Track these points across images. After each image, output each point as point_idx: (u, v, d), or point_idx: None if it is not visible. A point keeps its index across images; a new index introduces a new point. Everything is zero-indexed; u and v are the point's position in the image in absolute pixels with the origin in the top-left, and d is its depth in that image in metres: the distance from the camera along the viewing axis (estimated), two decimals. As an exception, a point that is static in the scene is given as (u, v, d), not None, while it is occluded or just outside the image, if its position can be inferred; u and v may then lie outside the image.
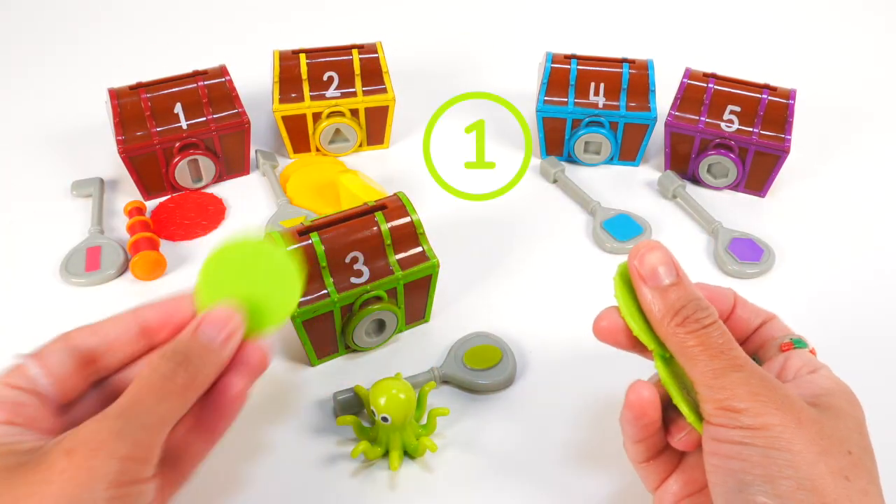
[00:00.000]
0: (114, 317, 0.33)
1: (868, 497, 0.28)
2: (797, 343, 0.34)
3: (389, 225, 0.43)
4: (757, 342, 0.36)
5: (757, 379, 0.29)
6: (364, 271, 0.43)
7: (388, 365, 0.46)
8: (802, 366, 0.33)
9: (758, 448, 0.28)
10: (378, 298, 0.44)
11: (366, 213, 0.44)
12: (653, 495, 0.34)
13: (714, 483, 0.30)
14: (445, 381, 0.44)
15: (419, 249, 0.45)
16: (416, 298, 0.46)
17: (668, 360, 0.32)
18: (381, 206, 0.44)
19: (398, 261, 0.44)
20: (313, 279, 0.42)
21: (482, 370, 0.44)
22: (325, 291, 0.42)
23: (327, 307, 0.42)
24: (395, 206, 0.44)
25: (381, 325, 0.46)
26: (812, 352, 0.34)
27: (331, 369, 0.46)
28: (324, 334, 0.44)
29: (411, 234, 0.44)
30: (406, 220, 0.44)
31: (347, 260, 0.43)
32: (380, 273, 0.43)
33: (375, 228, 0.43)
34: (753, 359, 0.33)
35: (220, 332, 0.32)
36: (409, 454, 0.40)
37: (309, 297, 0.42)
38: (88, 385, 0.32)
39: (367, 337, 0.45)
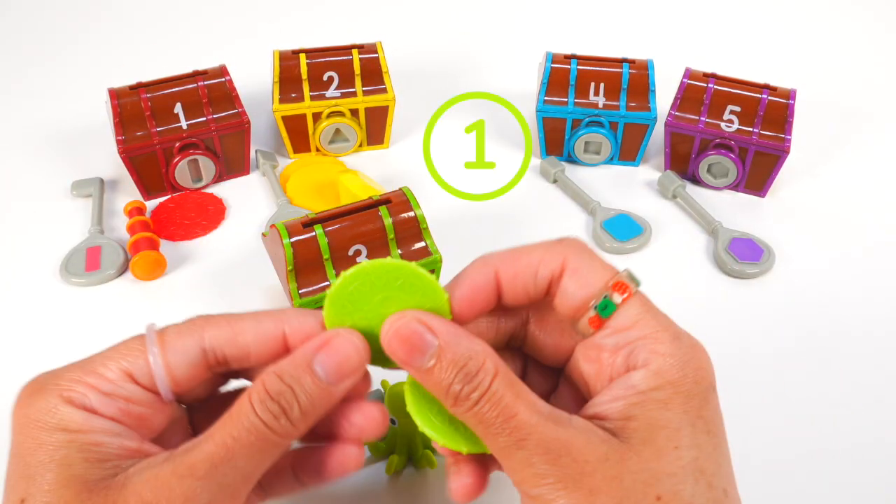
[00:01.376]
0: (257, 319, 0.28)
1: None
2: (602, 310, 0.28)
3: (393, 219, 0.44)
4: (569, 312, 0.29)
5: (540, 454, 0.25)
6: None
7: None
8: (616, 357, 0.28)
9: None
10: None
11: (370, 206, 0.44)
12: None
13: None
14: None
15: (422, 244, 0.45)
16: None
17: (415, 385, 0.28)
18: (385, 201, 0.45)
19: (401, 255, 0.44)
20: (316, 271, 0.42)
21: None
22: (327, 283, 0.43)
23: None
24: (399, 200, 0.45)
25: None
26: (619, 288, 0.28)
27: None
28: None
29: (415, 229, 0.45)
30: (410, 214, 0.44)
31: (350, 253, 0.43)
32: None
33: (379, 222, 0.44)
34: (581, 334, 0.29)
35: (338, 372, 0.27)
36: (412, 462, 0.40)
37: (311, 289, 0.42)
38: (209, 380, 0.29)
39: None
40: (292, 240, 0.42)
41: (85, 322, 0.49)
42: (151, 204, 0.59)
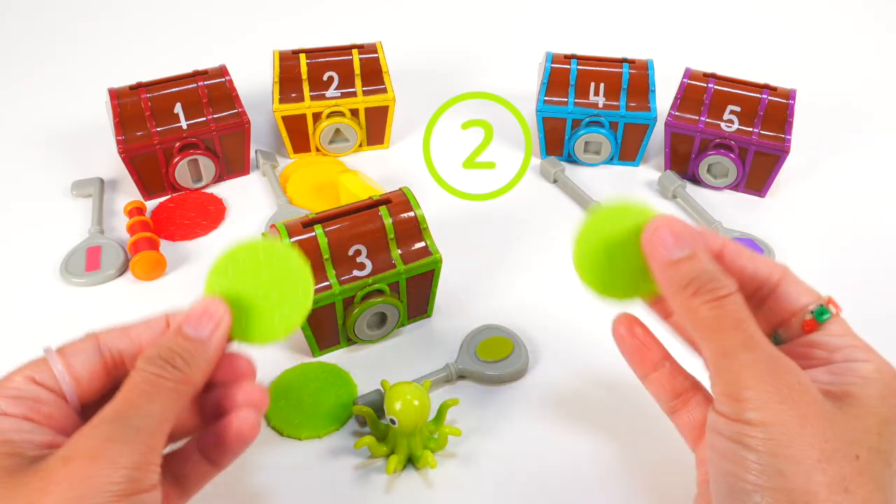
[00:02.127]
0: (145, 319, 0.32)
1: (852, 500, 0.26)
2: (818, 315, 0.31)
3: (393, 219, 0.44)
4: (780, 314, 0.33)
5: (767, 363, 0.27)
6: (367, 264, 0.44)
7: (390, 358, 0.46)
8: (834, 350, 0.30)
9: (753, 451, 0.26)
10: (380, 292, 0.44)
11: (370, 206, 0.44)
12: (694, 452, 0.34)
13: (711, 476, 0.29)
14: (462, 376, 0.45)
15: (422, 244, 0.45)
16: (418, 293, 0.46)
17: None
18: (385, 201, 0.45)
19: (401, 255, 0.44)
20: (316, 271, 0.42)
21: (496, 362, 0.44)
22: (327, 283, 0.43)
23: (329, 299, 0.43)
24: (399, 200, 0.45)
25: (382, 319, 0.46)
26: (833, 305, 0.32)
27: (332, 360, 0.46)
28: (325, 326, 0.44)
29: (415, 229, 0.45)
30: (410, 214, 0.45)
31: (350, 253, 0.43)
32: (382, 266, 0.44)
33: (379, 222, 0.44)
34: (774, 338, 0.32)
35: (205, 325, 0.31)
36: (412, 462, 0.40)
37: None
38: (113, 386, 0.31)
39: (369, 330, 0.46)
40: (292, 240, 0.42)
41: (85, 322, 0.48)
42: (151, 204, 0.59)
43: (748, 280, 0.32)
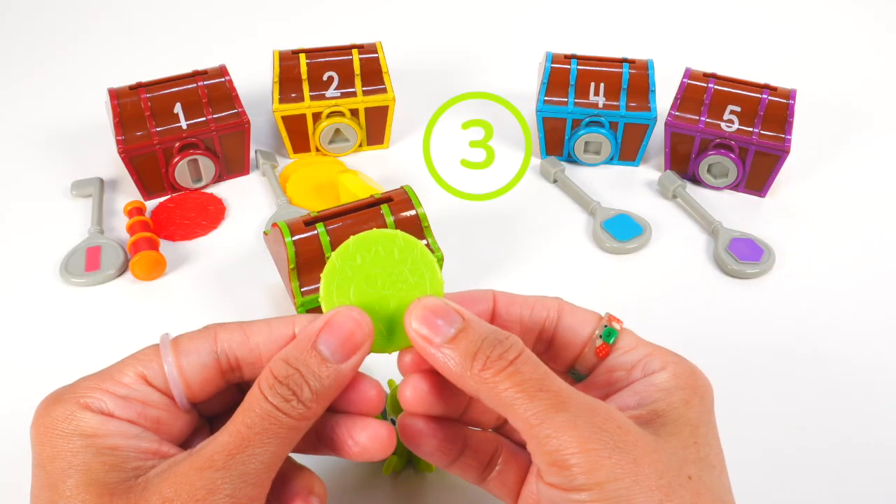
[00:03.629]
0: (268, 323, 0.29)
1: None
2: (606, 337, 0.30)
3: (395, 217, 0.44)
4: (570, 349, 0.31)
5: (584, 417, 0.25)
6: None
7: (392, 357, 0.46)
8: (631, 367, 0.30)
9: None
10: None
11: (372, 205, 0.44)
12: None
13: None
14: None
15: (423, 243, 0.45)
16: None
17: None
18: (386, 199, 0.45)
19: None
20: (318, 269, 0.42)
21: None
22: None
23: None
24: (400, 198, 0.45)
25: None
26: (615, 321, 0.30)
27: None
28: None
29: (416, 227, 0.45)
30: (412, 213, 0.45)
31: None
32: None
33: (381, 220, 0.44)
34: (573, 374, 0.31)
35: (347, 349, 0.27)
36: (412, 464, 0.40)
37: (313, 287, 0.42)
38: (225, 386, 0.29)
39: None
40: (294, 238, 0.42)
41: (85, 322, 0.49)
42: (151, 204, 0.59)
43: (529, 326, 0.31)
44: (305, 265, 0.42)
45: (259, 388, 0.26)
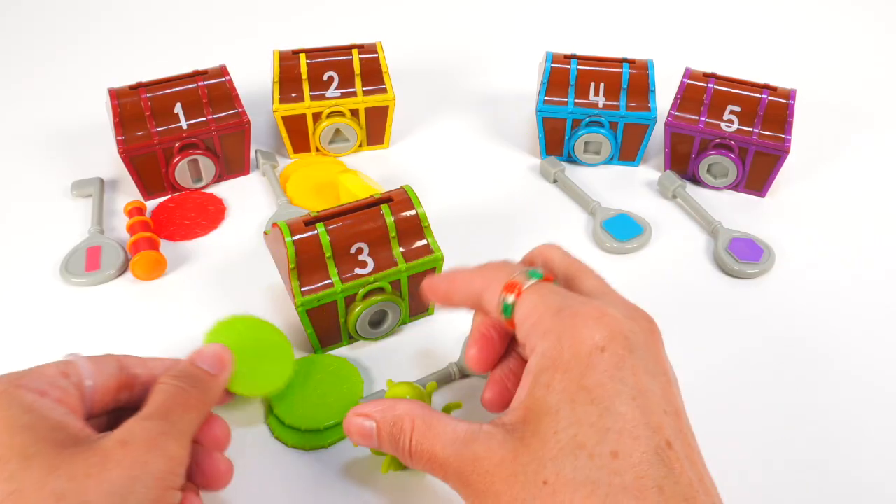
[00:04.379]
0: (163, 358, 0.36)
1: None
2: (505, 312, 0.31)
3: (395, 217, 0.44)
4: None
5: (458, 482, 0.29)
6: (368, 262, 0.44)
7: (391, 357, 0.46)
8: (525, 340, 0.30)
9: None
10: (381, 290, 0.44)
11: (371, 205, 0.44)
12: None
13: None
14: (465, 375, 0.45)
15: (423, 242, 0.45)
16: (420, 291, 0.47)
17: None
18: (386, 199, 0.45)
19: (402, 253, 0.45)
20: (318, 269, 0.43)
21: None
22: (329, 281, 0.43)
23: (331, 297, 0.43)
24: (400, 198, 0.45)
25: (384, 317, 0.46)
26: (509, 291, 0.31)
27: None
28: (328, 324, 0.45)
29: (416, 227, 0.45)
30: (411, 213, 0.45)
31: (352, 251, 0.43)
32: (384, 264, 0.44)
33: (381, 220, 0.44)
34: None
35: (216, 364, 0.35)
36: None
37: (313, 287, 0.42)
38: (115, 406, 0.33)
39: (371, 328, 0.46)
40: (294, 238, 0.42)
41: (85, 322, 0.49)
42: (151, 204, 0.59)
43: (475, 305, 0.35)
44: (305, 265, 0.42)
45: (163, 379, 0.33)
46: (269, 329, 0.42)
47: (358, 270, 0.43)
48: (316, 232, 0.42)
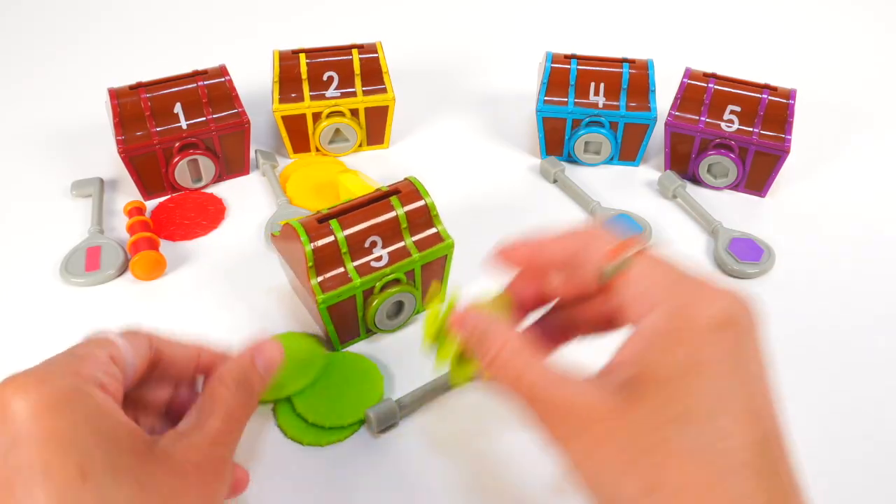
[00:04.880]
0: (184, 342, 0.35)
1: (682, 493, 0.24)
2: (612, 272, 0.29)
3: (405, 209, 0.45)
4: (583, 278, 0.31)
5: (548, 411, 0.27)
6: (383, 255, 0.44)
7: (409, 346, 0.47)
8: (629, 306, 0.29)
9: (572, 484, 0.27)
10: (397, 281, 0.45)
11: (381, 198, 0.45)
12: None
13: None
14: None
15: (434, 231, 0.46)
16: (432, 280, 0.48)
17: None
18: (394, 191, 0.46)
19: (415, 243, 0.45)
20: (335, 265, 0.43)
21: None
22: (347, 276, 0.43)
23: (350, 292, 0.43)
24: (408, 190, 0.46)
25: (400, 307, 0.47)
26: (625, 250, 0.29)
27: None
28: (347, 319, 0.45)
29: (426, 217, 0.46)
30: (420, 203, 0.45)
31: (367, 244, 0.44)
32: (398, 256, 0.45)
33: (392, 213, 0.44)
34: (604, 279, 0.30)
35: (269, 366, 0.35)
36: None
37: (333, 284, 0.43)
38: (138, 385, 0.33)
39: (388, 319, 0.46)
40: (310, 236, 0.42)
41: (85, 322, 0.49)
42: (151, 204, 0.59)
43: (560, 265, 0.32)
44: (322, 262, 0.43)
45: (227, 383, 0.32)
46: (309, 348, 0.44)
47: (374, 263, 0.44)
48: (331, 229, 0.43)
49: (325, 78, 0.61)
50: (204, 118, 0.58)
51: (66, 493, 0.24)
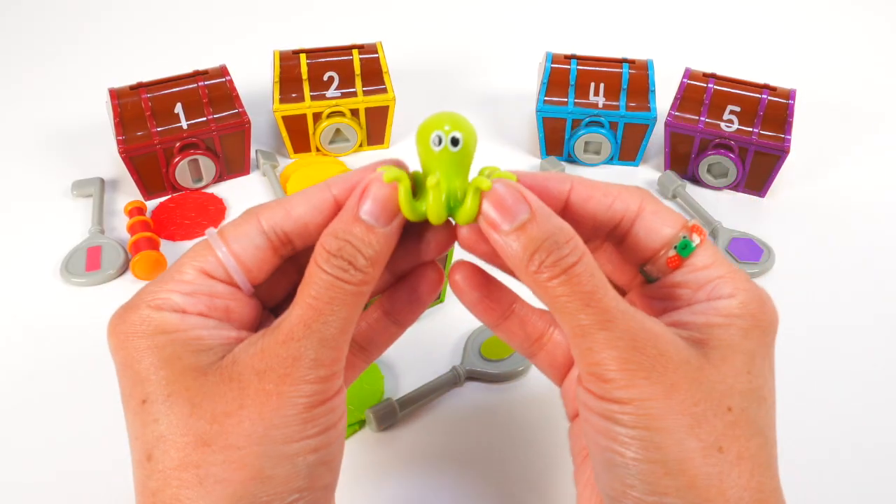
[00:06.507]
0: (304, 193, 0.29)
1: (742, 463, 0.25)
2: (681, 249, 0.29)
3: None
4: (644, 250, 0.30)
5: (625, 339, 0.25)
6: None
7: (406, 347, 0.46)
8: (699, 287, 0.28)
9: (626, 427, 0.25)
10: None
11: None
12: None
13: (590, 450, 0.27)
14: (469, 378, 0.45)
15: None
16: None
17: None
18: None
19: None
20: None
21: (501, 360, 0.45)
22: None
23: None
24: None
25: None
26: (696, 233, 0.29)
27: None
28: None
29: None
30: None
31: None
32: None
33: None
34: (644, 273, 0.30)
35: (385, 212, 0.27)
36: (451, 211, 0.29)
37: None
38: (280, 262, 0.29)
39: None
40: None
41: (85, 322, 0.49)
42: (151, 204, 0.59)
43: (603, 222, 0.30)
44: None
45: (317, 263, 0.26)
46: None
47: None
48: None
49: (325, 78, 0.61)
50: (204, 118, 0.58)
51: (136, 419, 0.26)
